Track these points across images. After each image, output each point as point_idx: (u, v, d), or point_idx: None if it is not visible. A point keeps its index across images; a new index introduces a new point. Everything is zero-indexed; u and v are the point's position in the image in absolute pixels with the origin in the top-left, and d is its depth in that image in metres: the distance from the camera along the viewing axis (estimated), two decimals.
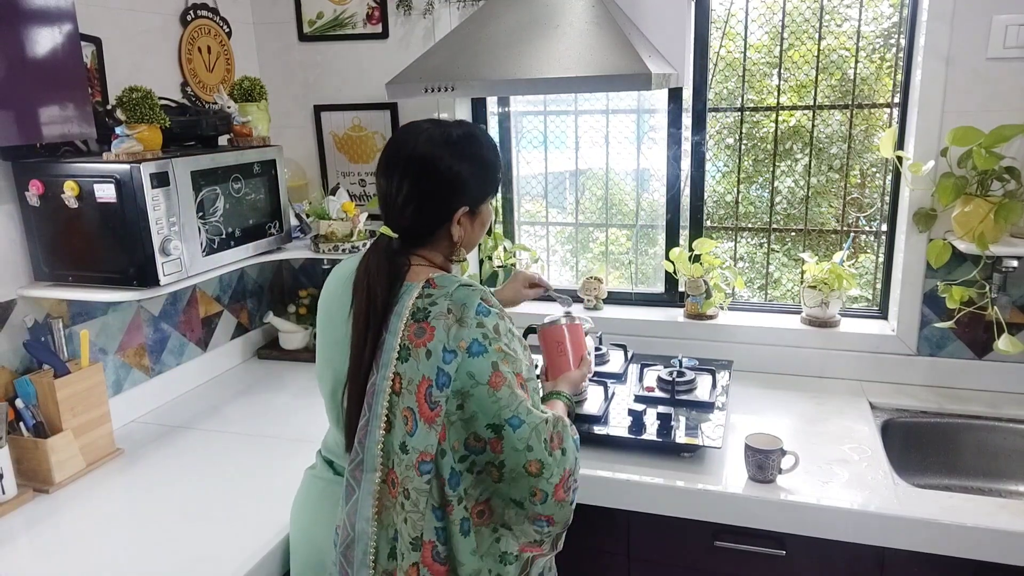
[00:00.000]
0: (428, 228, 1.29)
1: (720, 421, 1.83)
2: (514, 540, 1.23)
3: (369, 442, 1.20)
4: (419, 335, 1.18)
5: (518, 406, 1.17)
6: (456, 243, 1.31)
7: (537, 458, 1.17)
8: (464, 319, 1.18)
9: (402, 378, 1.18)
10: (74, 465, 1.74)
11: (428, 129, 1.29)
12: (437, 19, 2.31)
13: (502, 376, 1.16)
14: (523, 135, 2.61)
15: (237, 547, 1.47)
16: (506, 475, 1.17)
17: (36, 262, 1.78)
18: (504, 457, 1.16)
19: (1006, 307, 1.99)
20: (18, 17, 1.46)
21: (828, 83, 2.49)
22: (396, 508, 1.18)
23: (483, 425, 1.16)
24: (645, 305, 2.46)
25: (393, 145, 1.31)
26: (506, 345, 1.20)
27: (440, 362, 1.16)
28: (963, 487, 1.96)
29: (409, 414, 1.17)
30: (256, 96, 2.14)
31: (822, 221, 2.83)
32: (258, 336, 2.59)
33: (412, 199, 1.26)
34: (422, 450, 1.16)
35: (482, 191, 1.31)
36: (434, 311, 1.19)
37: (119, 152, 1.68)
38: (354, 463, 1.22)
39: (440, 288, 1.22)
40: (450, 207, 1.27)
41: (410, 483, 1.16)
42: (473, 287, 1.23)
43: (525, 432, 1.16)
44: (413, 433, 1.16)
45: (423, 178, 1.25)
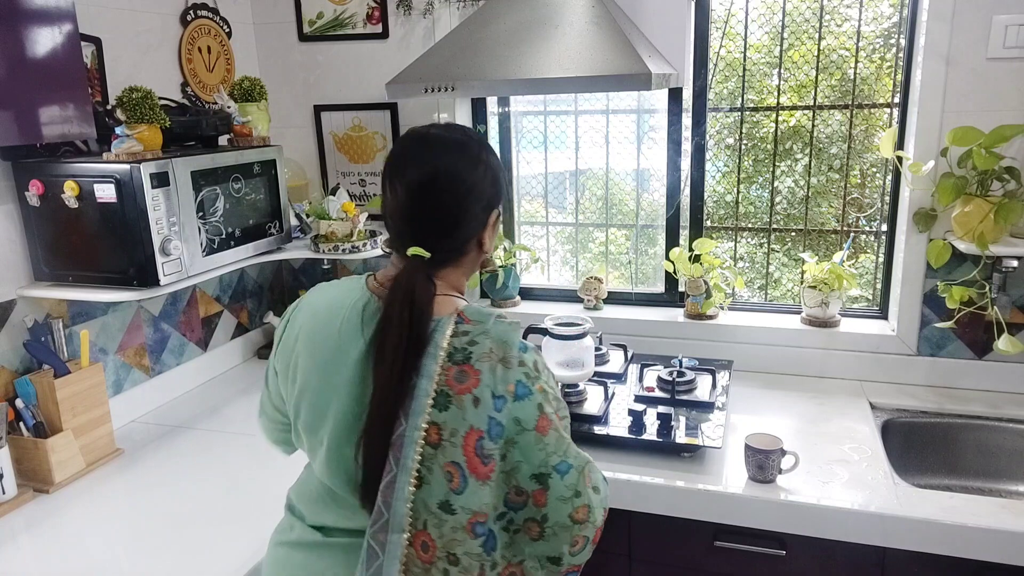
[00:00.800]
0: (461, 241, 1.16)
1: (720, 421, 1.83)
2: None
3: (396, 500, 1.03)
4: (461, 380, 1.04)
5: (566, 450, 1.08)
6: (486, 252, 1.21)
7: (584, 503, 1.09)
8: (508, 359, 1.06)
9: (441, 428, 1.03)
10: (74, 465, 1.74)
11: (439, 135, 1.17)
12: (437, 19, 2.31)
13: (547, 419, 1.06)
14: (523, 135, 2.61)
15: (237, 547, 1.47)
16: (547, 530, 1.08)
17: (36, 262, 1.78)
18: (547, 510, 1.07)
19: (1006, 307, 1.99)
20: (18, 17, 1.46)
21: (828, 83, 2.49)
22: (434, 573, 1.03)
23: (527, 476, 1.05)
24: (645, 305, 2.46)
25: (407, 155, 1.16)
26: (546, 383, 1.10)
27: (491, 410, 1.03)
28: (963, 487, 1.95)
29: (455, 469, 1.02)
30: (256, 96, 2.14)
31: (822, 221, 2.83)
32: (258, 336, 2.59)
33: (443, 217, 1.13)
34: (475, 510, 1.03)
35: (500, 192, 1.21)
36: (476, 351, 1.05)
37: (119, 152, 1.68)
38: (377, 525, 1.05)
39: (477, 324, 1.09)
40: (484, 215, 1.17)
41: (459, 547, 1.02)
42: (509, 320, 1.11)
43: (573, 478, 1.08)
44: (461, 491, 1.02)
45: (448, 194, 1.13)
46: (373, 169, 2.53)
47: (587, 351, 1.93)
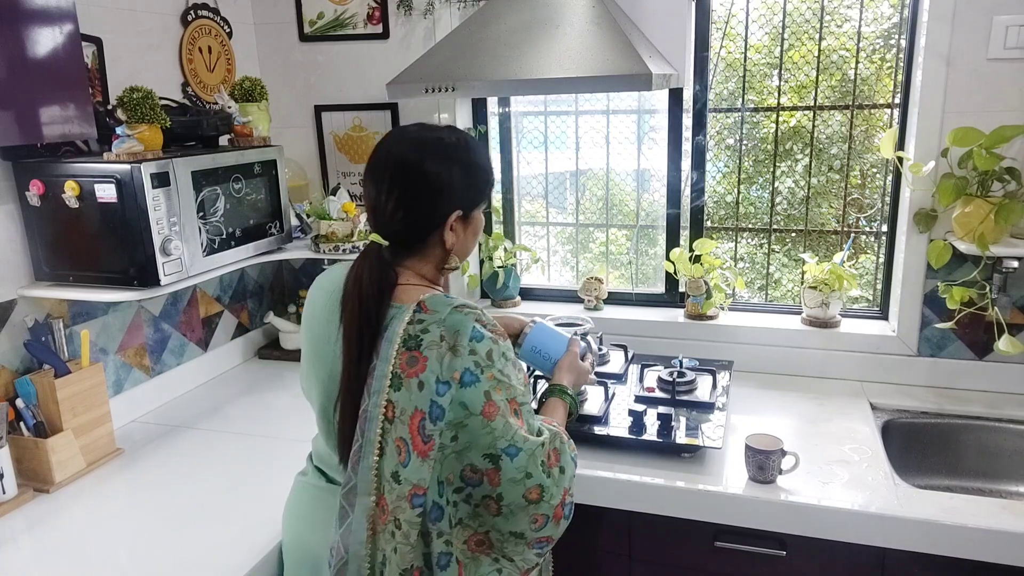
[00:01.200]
0: (420, 234, 1.24)
1: (720, 421, 1.83)
2: (516, 571, 1.22)
3: (362, 468, 1.16)
4: (411, 364, 1.14)
5: (513, 435, 1.15)
6: (449, 250, 1.27)
7: (537, 483, 1.16)
8: (457, 347, 1.13)
9: (395, 406, 1.14)
10: (74, 465, 1.74)
11: (417, 133, 1.26)
12: (438, 19, 2.31)
13: (495, 405, 1.14)
14: (524, 135, 2.61)
15: (237, 547, 1.47)
16: (504, 509, 1.16)
17: (37, 262, 1.78)
18: (502, 490, 1.14)
19: (1006, 308, 1.99)
20: (19, 17, 1.47)
21: (828, 84, 2.49)
22: (386, 535, 1.15)
23: (479, 456, 1.14)
24: (645, 305, 2.46)
25: (381, 150, 1.26)
26: (499, 371, 1.16)
27: (433, 394, 1.12)
28: (963, 488, 1.95)
29: (402, 444, 1.13)
30: (257, 96, 2.14)
31: (822, 222, 2.83)
32: (258, 336, 2.59)
33: (402, 204, 1.21)
34: (415, 482, 1.13)
35: (474, 197, 1.27)
36: (426, 339, 1.14)
37: (120, 152, 1.68)
38: (348, 487, 1.18)
39: (432, 313, 1.17)
40: (443, 212, 1.23)
41: (401, 514, 1.13)
42: (467, 310, 1.18)
43: (523, 460, 1.14)
44: (406, 464, 1.13)
45: (412, 182, 1.21)
46: None
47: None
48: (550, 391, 1.45)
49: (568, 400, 1.44)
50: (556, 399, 1.43)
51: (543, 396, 1.45)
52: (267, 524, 1.54)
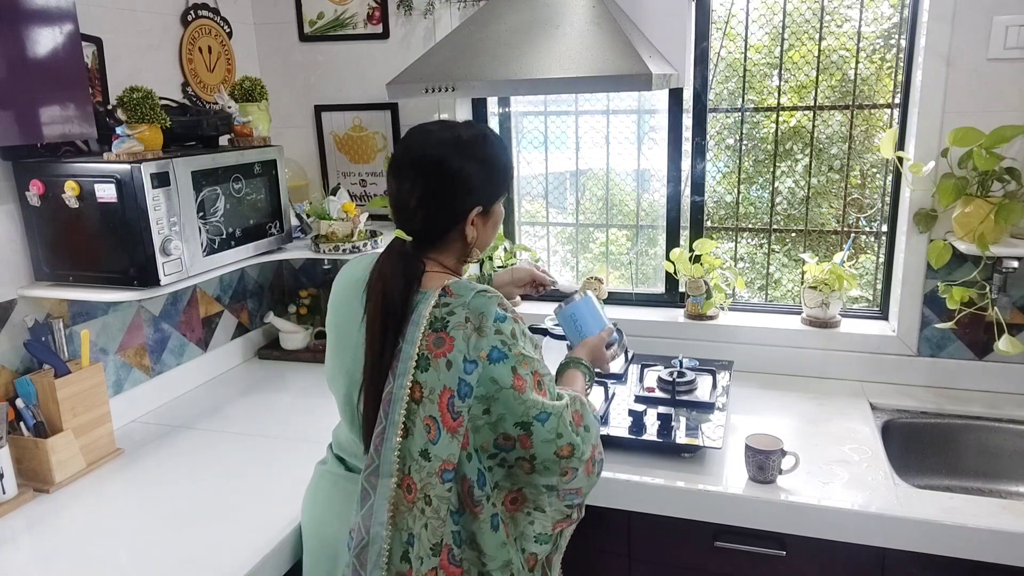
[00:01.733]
0: (441, 230, 1.29)
1: (720, 421, 1.83)
2: (548, 520, 1.30)
3: (385, 449, 1.20)
4: (438, 345, 1.19)
5: (543, 403, 1.21)
6: (470, 244, 1.31)
7: (568, 442, 1.22)
8: (483, 328, 1.19)
9: (422, 387, 1.19)
10: (74, 465, 1.74)
11: (437, 131, 1.30)
12: (438, 19, 2.31)
13: (522, 379, 1.20)
14: (524, 135, 2.61)
15: (237, 547, 1.47)
16: (538, 466, 1.23)
17: (37, 262, 1.78)
18: (535, 451, 1.21)
19: (1006, 308, 1.99)
20: (19, 17, 1.47)
21: (828, 84, 2.49)
22: (414, 513, 1.19)
23: (511, 424, 1.20)
24: (645, 305, 2.46)
25: (402, 148, 1.31)
26: (523, 348, 1.22)
27: (461, 372, 1.18)
28: (963, 488, 1.95)
29: (432, 423, 1.18)
30: (257, 96, 2.14)
31: (822, 222, 2.83)
32: (258, 336, 2.59)
33: (424, 201, 1.26)
34: (444, 458, 1.18)
35: (494, 191, 1.32)
36: (452, 321, 1.20)
37: (120, 152, 1.68)
38: (369, 469, 1.22)
39: (457, 297, 1.22)
40: (463, 208, 1.28)
41: (432, 490, 1.18)
42: (490, 294, 1.24)
43: (553, 423, 1.21)
44: (436, 441, 1.18)
45: (434, 179, 1.25)
46: (374, 169, 2.53)
47: None
48: (569, 362, 1.50)
49: (586, 372, 1.48)
50: (575, 370, 1.48)
51: (561, 366, 1.50)
52: (268, 524, 1.54)
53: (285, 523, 1.53)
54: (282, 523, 1.53)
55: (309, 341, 2.54)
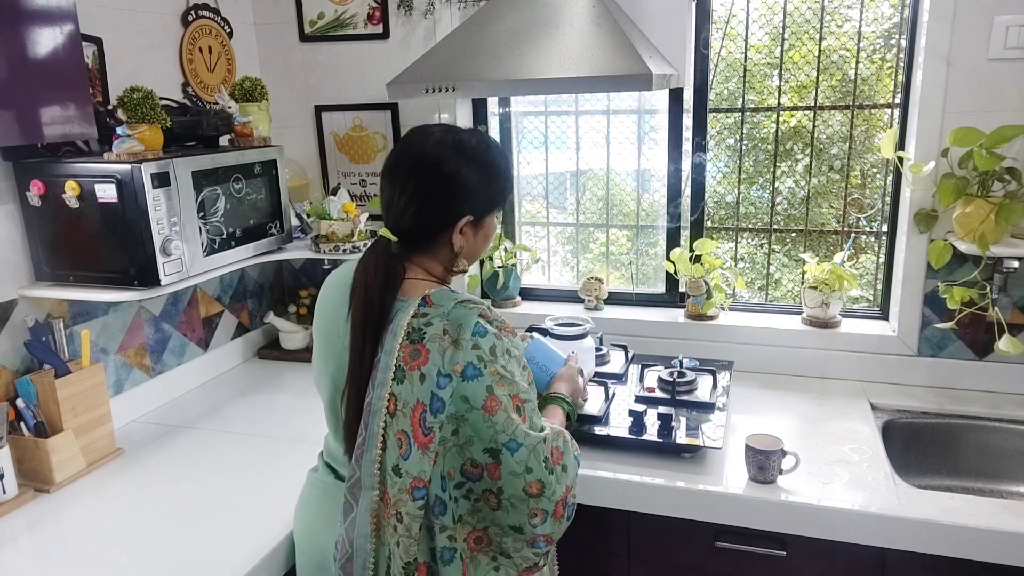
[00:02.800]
0: (428, 233, 1.24)
1: (721, 422, 1.83)
2: (513, 569, 1.22)
3: (366, 461, 1.17)
4: (414, 357, 1.14)
5: (515, 430, 1.14)
6: (457, 253, 1.26)
7: (537, 478, 1.15)
8: (460, 341, 1.13)
9: (397, 399, 1.14)
10: (75, 465, 1.74)
11: (439, 132, 1.26)
12: (438, 19, 2.31)
13: (497, 400, 1.13)
14: (524, 135, 2.61)
15: (237, 547, 1.47)
16: (504, 502, 1.15)
17: (37, 262, 1.78)
18: (503, 483, 1.14)
19: (1007, 308, 1.99)
20: (19, 17, 1.47)
21: (829, 84, 2.49)
22: (389, 529, 1.16)
23: (480, 450, 1.13)
24: (646, 305, 2.46)
25: (402, 145, 1.27)
26: (502, 367, 1.16)
27: (434, 387, 1.12)
28: (964, 488, 1.95)
29: (403, 437, 1.14)
30: (257, 96, 2.14)
31: (823, 222, 2.83)
32: (259, 336, 2.59)
33: (414, 201, 1.22)
34: (415, 475, 1.13)
35: (488, 202, 1.27)
36: (429, 332, 1.14)
37: (120, 152, 1.68)
38: (352, 481, 1.20)
39: (436, 307, 1.17)
40: (453, 214, 1.23)
41: (403, 507, 1.14)
42: (471, 305, 1.18)
43: (523, 455, 1.14)
44: (407, 457, 1.13)
45: (428, 179, 1.21)
46: (374, 169, 2.53)
47: (588, 351, 1.93)
48: (547, 399, 1.45)
49: (566, 407, 1.43)
50: (554, 405, 1.43)
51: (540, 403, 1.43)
52: (267, 524, 1.54)
53: (285, 524, 1.53)
54: (282, 524, 1.53)
55: (309, 341, 2.54)
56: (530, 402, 1.20)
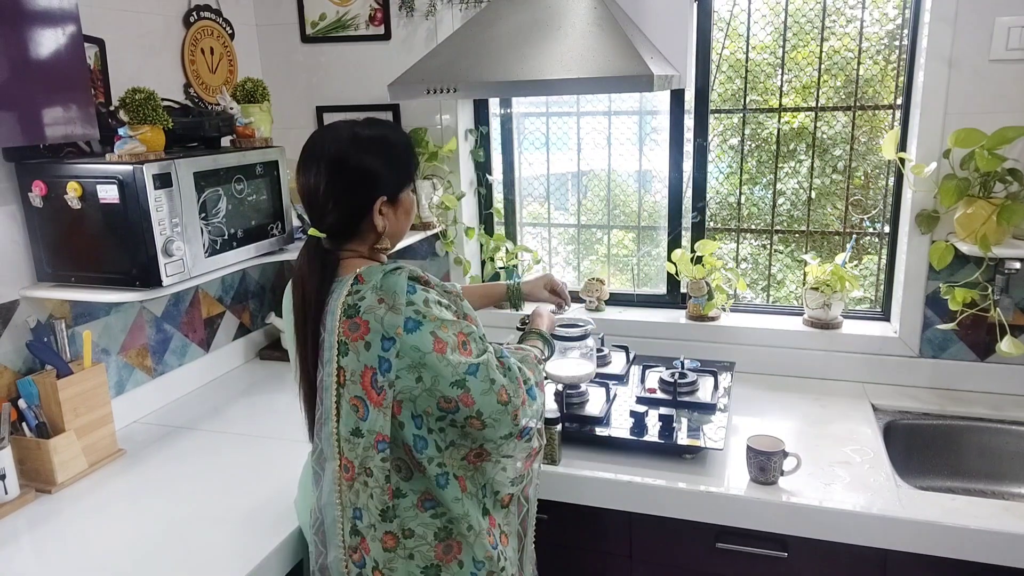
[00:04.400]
0: (351, 222, 1.34)
1: (722, 423, 1.82)
2: (518, 463, 1.38)
3: (324, 434, 1.31)
4: (353, 330, 1.25)
5: (467, 360, 1.26)
6: (381, 233, 1.36)
7: (501, 385, 1.28)
8: (396, 305, 1.24)
9: (345, 371, 1.27)
10: (76, 465, 1.75)
11: (338, 128, 1.36)
12: (439, 21, 2.31)
13: (442, 341, 1.24)
14: (525, 136, 2.61)
15: (239, 548, 1.47)
16: (488, 420, 1.27)
17: (39, 263, 1.78)
18: (479, 405, 1.26)
19: (1009, 309, 1.98)
20: (22, 18, 1.47)
21: (832, 85, 2.49)
22: (355, 489, 1.28)
23: (447, 385, 1.24)
24: (647, 307, 2.46)
25: (308, 145, 1.36)
26: (439, 314, 1.27)
27: (380, 351, 1.23)
28: (965, 489, 1.95)
29: (358, 402, 1.26)
30: (259, 97, 2.14)
31: (826, 223, 2.83)
32: (260, 337, 2.59)
33: (330, 196, 1.31)
34: (376, 431, 1.25)
35: (396, 181, 1.36)
36: (363, 305, 1.26)
37: (122, 153, 1.68)
38: (316, 453, 1.34)
39: (367, 282, 1.28)
40: (367, 199, 1.32)
41: (371, 462, 1.26)
42: (398, 270, 1.29)
43: (484, 372, 1.26)
44: (366, 418, 1.26)
45: (334, 175, 1.30)
46: None
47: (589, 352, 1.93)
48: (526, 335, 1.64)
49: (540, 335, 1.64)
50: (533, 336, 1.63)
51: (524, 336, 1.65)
52: (268, 525, 1.54)
53: (286, 524, 1.53)
54: (283, 524, 1.53)
55: None
56: (472, 333, 1.31)
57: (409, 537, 1.29)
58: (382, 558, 1.29)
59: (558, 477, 1.71)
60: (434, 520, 1.29)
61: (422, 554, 1.29)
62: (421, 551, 1.29)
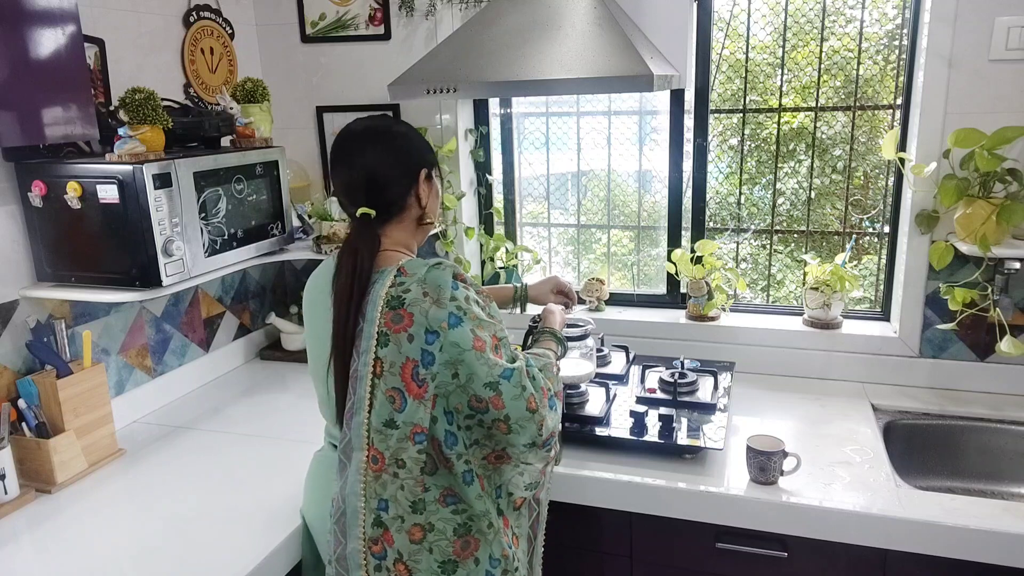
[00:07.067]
0: (397, 196, 1.38)
1: (722, 423, 1.83)
2: (535, 470, 1.39)
3: (355, 424, 1.30)
4: (396, 321, 1.26)
5: (503, 363, 1.28)
6: (423, 208, 1.41)
7: (531, 393, 1.29)
8: (441, 300, 1.26)
9: (383, 362, 1.27)
10: (76, 465, 1.75)
11: (365, 120, 1.43)
12: (439, 21, 2.31)
13: (481, 340, 1.27)
14: (525, 136, 2.61)
15: (238, 548, 1.47)
16: (514, 426, 1.28)
17: (39, 263, 1.78)
18: (508, 410, 1.27)
19: (1008, 309, 1.98)
20: (22, 18, 1.47)
21: (832, 85, 2.49)
22: (383, 480, 1.28)
23: (481, 385, 1.26)
24: (647, 306, 2.46)
25: (340, 142, 1.41)
26: (478, 312, 1.30)
27: (423, 343, 1.25)
28: (965, 489, 1.95)
29: (395, 393, 1.26)
30: (259, 97, 2.14)
31: (825, 223, 2.83)
32: (260, 337, 2.59)
33: (376, 170, 1.36)
34: (414, 423, 1.26)
35: (430, 159, 1.44)
36: (409, 298, 1.27)
37: (122, 153, 1.68)
38: (343, 443, 1.33)
39: (411, 275, 1.30)
40: (412, 169, 1.39)
41: (404, 453, 1.27)
42: (443, 266, 1.31)
43: (517, 378, 1.28)
44: (403, 409, 1.26)
45: (384, 146, 1.37)
46: None
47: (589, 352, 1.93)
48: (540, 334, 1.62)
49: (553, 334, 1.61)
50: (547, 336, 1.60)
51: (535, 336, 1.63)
52: (268, 525, 1.54)
53: (286, 524, 1.53)
54: (283, 524, 1.53)
55: None
56: (505, 338, 1.34)
57: (430, 531, 1.30)
58: (408, 550, 1.29)
59: (558, 477, 1.71)
60: (454, 516, 1.30)
61: (440, 549, 1.30)
62: (440, 546, 1.30)
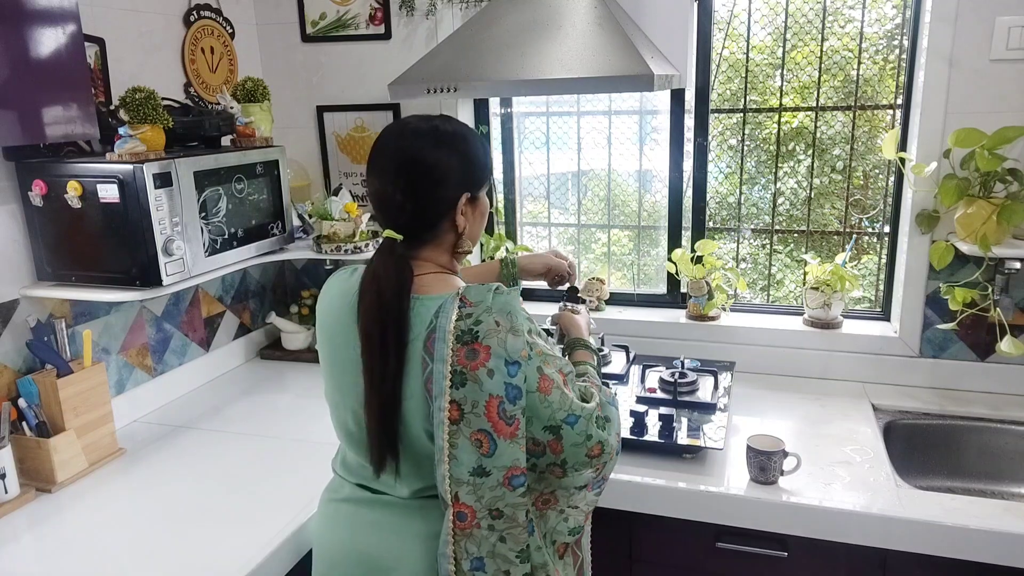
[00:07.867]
0: (432, 223, 1.24)
1: (722, 422, 1.83)
2: (581, 515, 1.28)
3: (438, 477, 1.16)
4: (471, 357, 1.12)
5: (571, 405, 1.17)
6: (461, 233, 1.27)
7: (597, 441, 1.19)
8: (516, 328, 1.14)
9: (460, 404, 1.13)
10: (76, 465, 1.75)
11: (413, 123, 1.27)
12: (440, 20, 2.31)
13: (548, 379, 1.16)
14: (525, 136, 2.61)
15: (239, 547, 1.47)
16: (569, 471, 1.19)
17: (39, 262, 1.78)
18: (565, 455, 1.17)
19: (1009, 309, 1.98)
20: (22, 18, 1.47)
21: (832, 84, 2.49)
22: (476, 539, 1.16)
23: (540, 429, 1.15)
24: (647, 306, 2.46)
25: (382, 144, 1.28)
26: (544, 347, 1.18)
27: (506, 377, 1.12)
28: (965, 489, 1.95)
29: (483, 436, 1.13)
30: (259, 97, 2.14)
31: (825, 222, 2.83)
32: (260, 336, 2.59)
33: (411, 194, 1.21)
34: (510, 465, 1.14)
35: (477, 179, 1.27)
36: (481, 330, 1.13)
37: (122, 152, 1.68)
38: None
39: (478, 304, 1.16)
40: (452, 196, 1.23)
41: (501, 502, 1.14)
42: (506, 291, 1.19)
43: (582, 426, 1.17)
44: (491, 453, 1.13)
45: (417, 172, 1.22)
46: None
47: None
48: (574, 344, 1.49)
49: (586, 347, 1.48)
50: (581, 348, 1.47)
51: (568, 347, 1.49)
52: (269, 525, 1.54)
53: (287, 524, 1.53)
54: (284, 524, 1.53)
55: (311, 341, 2.54)
56: (571, 372, 1.24)
57: None
58: None
59: None
60: (523, 565, 1.18)
61: None
62: None
